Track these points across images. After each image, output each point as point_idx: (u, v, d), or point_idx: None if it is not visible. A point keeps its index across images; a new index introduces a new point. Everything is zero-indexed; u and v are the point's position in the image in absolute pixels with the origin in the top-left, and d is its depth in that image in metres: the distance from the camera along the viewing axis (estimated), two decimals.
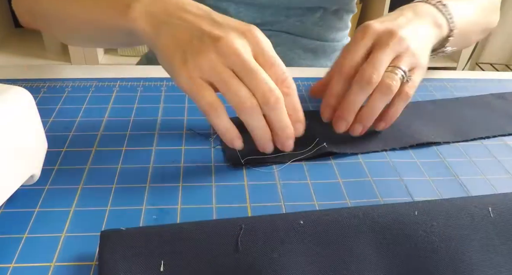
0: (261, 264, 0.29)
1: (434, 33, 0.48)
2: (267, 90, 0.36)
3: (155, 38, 0.39)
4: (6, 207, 0.36)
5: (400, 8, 0.49)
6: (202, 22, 0.38)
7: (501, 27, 1.87)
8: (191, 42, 0.37)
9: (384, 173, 0.42)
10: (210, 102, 0.36)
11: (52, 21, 0.53)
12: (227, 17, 0.39)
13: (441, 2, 0.50)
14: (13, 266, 0.31)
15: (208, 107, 0.36)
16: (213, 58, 0.36)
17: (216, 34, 0.36)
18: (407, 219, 0.32)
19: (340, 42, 0.78)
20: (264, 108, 0.37)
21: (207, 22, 0.38)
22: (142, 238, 0.30)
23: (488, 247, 0.32)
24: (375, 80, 0.41)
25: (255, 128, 0.38)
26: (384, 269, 0.30)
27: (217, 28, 0.37)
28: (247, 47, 0.37)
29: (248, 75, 0.36)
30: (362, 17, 1.84)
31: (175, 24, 0.38)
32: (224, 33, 0.36)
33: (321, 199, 0.38)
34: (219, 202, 0.37)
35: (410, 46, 0.43)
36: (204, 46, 0.36)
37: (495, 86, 0.60)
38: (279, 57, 0.38)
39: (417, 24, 0.46)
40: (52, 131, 0.45)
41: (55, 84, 0.54)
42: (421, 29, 0.46)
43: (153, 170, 0.40)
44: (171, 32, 0.38)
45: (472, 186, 0.41)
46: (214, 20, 0.38)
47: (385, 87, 0.41)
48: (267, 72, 0.37)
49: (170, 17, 0.39)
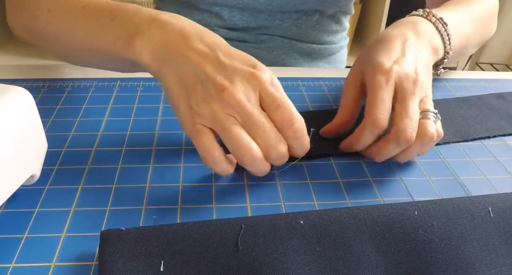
0: (261, 264, 0.29)
1: (433, 60, 0.48)
2: (270, 145, 0.35)
3: (160, 74, 0.38)
4: (6, 207, 0.36)
5: (399, 24, 0.47)
6: (206, 63, 0.36)
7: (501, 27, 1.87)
8: (195, 87, 0.36)
9: (384, 173, 0.42)
10: (206, 148, 0.36)
11: (50, 42, 0.50)
12: (233, 52, 0.38)
13: (442, 20, 0.49)
14: (13, 266, 0.31)
15: (204, 153, 0.36)
16: (216, 108, 0.35)
17: (220, 83, 0.35)
18: (407, 219, 0.32)
19: (338, 44, 0.77)
20: (267, 159, 0.36)
21: (212, 63, 0.36)
22: (142, 238, 0.30)
23: (488, 247, 0.32)
24: (414, 137, 0.39)
25: (255, 173, 0.38)
26: (384, 268, 0.30)
27: (221, 72, 0.36)
28: (253, 93, 0.36)
29: (251, 128, 0.35)
30: (362, 18, 1.84)
31: (179, 63, 0.37)
32: (228, 82, 0.35)
33: (321, 199, 0.38)
34: (219, 202, 0.37)
35: (428, 89, 0.43)
36: (208, 95, 0.35)
37: (495, 86, 0.60)
38: (287, 98, 0.37)
39: (422, 55, 0.45)
40: (52, 131, 0.45)
41: (55, 84, 0.54)
42: (426, 60, 0.45)
43: (153, 170, 0.40)
44: (176, 71, 0.37)
45: (472, 186, 0.41)
46: (219, 60, 0.36)
47: (428, 139, 0.39)
48: (273, 115, 0.36)
49: (174, 53, 0.37)
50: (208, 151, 0.35)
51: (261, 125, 0.35)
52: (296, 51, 0.73)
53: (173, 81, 0.37)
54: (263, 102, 0.36)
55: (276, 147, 0.36)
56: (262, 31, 0.70)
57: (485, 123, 0.50)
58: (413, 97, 0.40)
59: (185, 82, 0.36)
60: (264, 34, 0.70)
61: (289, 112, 0.36)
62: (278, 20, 0.68)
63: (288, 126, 0.36)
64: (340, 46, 0.78)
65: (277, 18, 0.68)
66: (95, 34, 0.43)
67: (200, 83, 0.36)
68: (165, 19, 0.40)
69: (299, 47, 0.72)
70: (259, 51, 0.71)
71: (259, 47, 0.71)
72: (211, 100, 0.35)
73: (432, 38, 0.47)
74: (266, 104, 0.36)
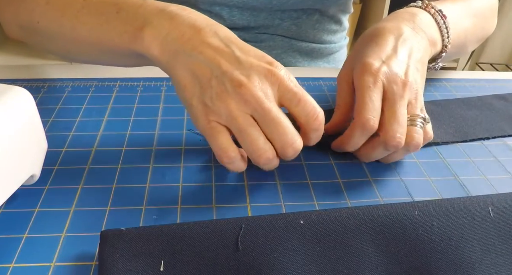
0: (261, 264, 0.29)
1: (430, 52, 0.47)
2: (287, 143, 0.35)
3: (170, 68, 0.37)
4: (6, 207, 0.36)
5: (396, 15, 0.47)
6: (222, 59, 0.35)
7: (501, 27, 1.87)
8: (210, 82, 0.35)
9: (384, 173, 0.42)
10: (223, 148, 0.35)
11: (47, 38, 0.48)
12: (247, 48, 0.37)
13: (441, 12, 0.48)
14: (13, 266, 0.31)
15: (221, 152, 0.35)
16: (233, 106, 0.34)
17: (237, 79, 0.34)
18: (407, 219, 0.32)
19: (338, 44, 0.77)
20: (281, 156, 0.36)
21: (228, 59, 0.35)
22: (142, 238, 0.30)
23: (488, 247, 0.32)
24: (403, 143, 0.38)
25: (267, 169, 0.38)
26: (384, 268, 0.30)
27: (237, 68, 0.35)
28: (270, 90, 0.35)
29: (269, 126, 0.35)
30: (362, 18, 1.84)
31: (192, 57, 0.36)
32: (245, 78, 0.34)
33: (321, 199, 0.38)
34: (219, 202, 0.37)
35: (418, 90, 0.42)
36: (224, 91, 0.34)
37: (495, 86, 0.60)
38: (306, 92, 0.36)
39: (415, 50, 0.44)
40: (52, 131, 0.45)
41: (55, 84, 0.54)
42: (420, 55, 0.44)
43: (153, 170, 0.40)
44: (189, 65, 0.36)
45: (472, 186, 0.41)
46: (235, 56, 0.36)
47: (413, 146, 0.39)
48: (294, 110, 0.36)
49: (186, 46, 0.36)
50: (225, 152, 0.35)
51: (278, 122, 0.35)
52: (296, 51, 0.73)
53: (186, 76, 0.36)
54: (283, 99, 0.36)
55: (293, 144, 0.35)
56: (262, 30, 0.70)
57: (485, 124, 0.50)
58: (402, 100, 0.40)
59: (199, 78, 0.36)
60: (264, 33, 0.70)
61: (312, 105, 0.36)
62: (278, 19, 0.69)
63: (313, 119, 0.36)
64: (340, 46, 0.78)
65: (277, 17, 0.68)
66: (99, 27, 0.42)
67: (216, 79, 0.35)
68: (174, 11, 0.39)
69: (299, 46, 0.72)
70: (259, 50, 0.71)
71: (259, 46, 0.71)
72: (227, 96, 0.34)
73: (430, 30, 0.47)
74: (286, 100, 0.36)
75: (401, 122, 0.39)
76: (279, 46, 0.71)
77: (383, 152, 0.40)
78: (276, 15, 0.68)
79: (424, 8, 0.49)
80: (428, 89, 0.58)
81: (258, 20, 0.68)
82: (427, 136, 0.41)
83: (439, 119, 0.50)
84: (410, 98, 0.41)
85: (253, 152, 0.35)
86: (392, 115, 0.39)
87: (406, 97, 0.40)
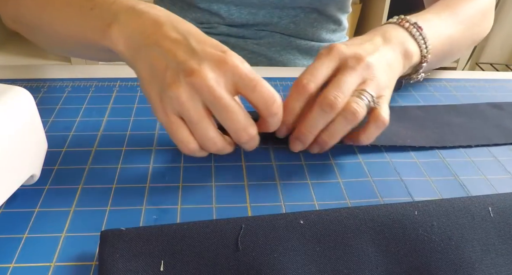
0: (261, 264, 0.29)
1: (402, 64, 0.46)
2: (240, 129, 0.36)
3: (133, 63, 0.39)
4: (6, 207, 0.36)
5: (369, 32, 0.47)
6: (178, 50, 0.36)
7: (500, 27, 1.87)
8: (165, 74, 0.36)
9: (384, 173, 0.42)
10: (183, 141, 0.36)
11: (33, 30, 0.51)
12: (204, 40, 0.37)
13: (417, 24, 0.47)
14: (13, 266, 0.31)
15: (181, 145, 0.37)
16: (184, 96, 0.34)
17: (190, 67, 0.35)
18: (407, 219, 0.32)
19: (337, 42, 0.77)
20: (237, 142, 0.37)
21: (183, 49, 0.36)
22: (142, 238, 0.30)
23: (488, 247, 0.32)
24: (339, 105, 0.38)
25: (220, 153, 0.39)
26: (384, 268, 0.30)
27: (191, 58, 0.35)
28: (223, 78, 0.35)
29: (221, 113, 0.35)
30: (362, 18, 1.84)
31: (151, 50, 0.37)
32: (197, 66, 0.35)
33: (321, 199, 0.38)
34: (219, 202, 0.37)
35: (376, 75, 0.41)
36: (177, 80, 0.35)
37: (495, 86, 0.60)
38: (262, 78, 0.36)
39: (384, 53, 0.43)
40: (52, 131, 0.45)
41: (55, 84, 0.54)
42: (388, 60, 0.43)
43: (153, 170, 0.40)
44: (148, 59, 0.37)
45: (472, 186, 0.41)
46: (190, 47, 0.36)
47: (350, 114, 0.38)
48: (251, 96, 0.36)
49: (147, 41, 0.37)
50: (186, 145, 0.37)
51: (229, 109, 0.35)
52: (295, 48, 0.73)
53: (145, 70, 0.37)
54: (238, 86, 0.36)
55: (246, 129, 0.36)
56: (261, 28, 0.70)
57: (470, 131, 0.48)
58: (352, 72, 0.39)
59: (156, 70, 0.36)
60: (263, 30, 0.71)
61: (268, 90, 0.36)
62: (277, 17, 0.69)
63: (270, 103, 0.36)
64: None
65: (275, 15, 0.69)
66: (75, 23, 0.44)
67: (170, 70, 0.35)
68: (142, 8, 0.40)
69: (297, 44, 0.73)
70: (258, 47, 0.71)
71: (258, 43, 0.72)
72: (179, 86, 0.35)
73: (403, 43, 0.46)
74: (242, 86, 0.36)
75: (341, 88, 0.38)
76: (278, 43, 0.72)
77: (321, 114, 0.39)
78: (275, 13, 0.69)
79: (399, 23, 0.48)
80: (428, 89, 0.58)
81: (257, 18, 0.69)
82: (379, 118, 0.39)
83: (422, 125, 0.49)
84: (365, 77, 0.40)
85: (204, 142, 0.36)
86: (335, 81, 0.39)
87: (359, 72, 0.40)
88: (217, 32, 0.70)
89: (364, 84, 0.40)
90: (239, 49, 0.71)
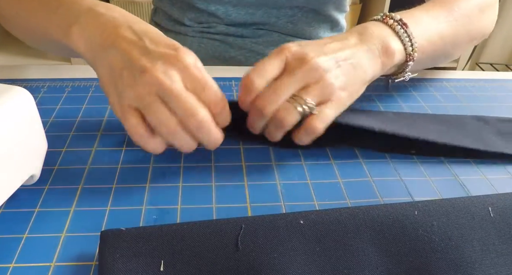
0: (261, 264, 0.29)
1: (380, 63, 0.44)
2: (186, 115, 0.35)
3: (94, 63, 0.40)
4: (6, 207, 0.36)
5: (350, 29, 0.46)
6: (133, 50, 0.37)
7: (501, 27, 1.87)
8: (122, 73, 0.37)
9: (384, 173, 0.42)
10: (133, 125, 0.36)
11: (11, 26, 0.53)
12: (159, 39, 0.38)
13: (401, 21, 0.46)
14: (13, 266, 0.31)
15: (132, 130, 0.36)
16: (139, 90, 0.35)
17: (143, 66, 0.36)
18: (407, 219, 0.32)
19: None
20: (187, 129, 0.37)
21: (138, 50, 0.37)
22: (142, 238, 0.30)
23: (488, 247, 0.32)
24: (269, 110, 0.38)
25: (179, 146, 0.38)
26: (384, 268, 0.30)
27: (145, 57, 0.36)
28: (177, 75, 0.36)
29: (171, 101, 0.35)
30: (362, 18, 1.84)
31: (108, 51, 0.38)
32: (150, 64, 0.36)
33: (321, 199, 0.38)
34: (219, 202, 0.37)
35: (324, 77, 0.39)
36: (132, 79, 0.36)
37: (495, 86, 0.60)
38: (211, 79, 0.37)
39: (352, 53, 0.42)
40: (52, 131, 0.45)
41: (55, 84, 0.54)
42: (355, 59, 0.42)
43: (153, 170, 0.40)
44: (106, 60, 0.38)
45: (472, 186, 0.41)
46: (144, 47, 0.37)
47: (278, 121, 0.38)
48: (201, 96, 0.36)
49: (105, 42, 0.38)
50: (135, 128, 0.36)
51: (179, 97, 0.35)
52: None
53: (104, 70, 0.38)
54: (189, 86, 0.36)
55: (194, 116, 0.35)
56: (258, 27, 0.71)
57: (445, 134, 0.45)
58: (291, 76, 0.39)
59: (113, 70, 0.37)
60: (261, 29, 0.71)
61: (215, 92, 0.37)
62: (274, 17, 0.70)
63: (216, 103, 0.37)
64: None
65: (273, 15, 0.69)
66: (43, 20, 0.45)
67: (126, 69, 0.36)
68: (100, 10, 0.41)
69: None
70: (257, 45, 0.72)
71: (256, 42, 0.72)
72: (134, 84, 0.36)
73: (383, 41, 0.44)
74: (192, 87, 0.36)
75: (277, 91, 0.38)
76: (276, 42, 0.72)
77: (254, 117, 0.39)
78: (272, 13, 0.69)
79: (382, 20, 0.47)
80: (428, 89, 0.58)
81: (255, 18, 0.69)
82: (309, 126, 0.39)
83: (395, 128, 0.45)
84: (308, 81, 0.39)
85: (158, 125, 0.36)
86: (272, 84, 0.39)
87: (299, 76, 0.39)
88: (216, 32, 0.71)
89: (306, 89, 0.39)
90: (237, 48, 0.71)
